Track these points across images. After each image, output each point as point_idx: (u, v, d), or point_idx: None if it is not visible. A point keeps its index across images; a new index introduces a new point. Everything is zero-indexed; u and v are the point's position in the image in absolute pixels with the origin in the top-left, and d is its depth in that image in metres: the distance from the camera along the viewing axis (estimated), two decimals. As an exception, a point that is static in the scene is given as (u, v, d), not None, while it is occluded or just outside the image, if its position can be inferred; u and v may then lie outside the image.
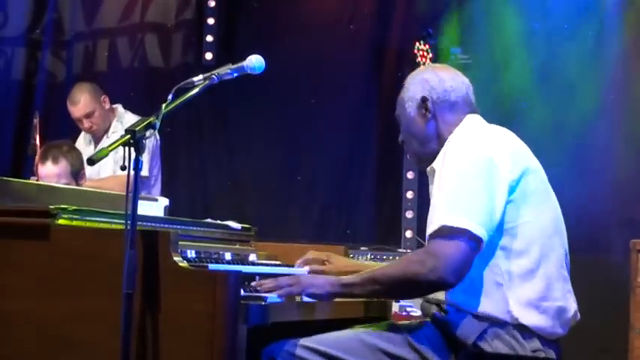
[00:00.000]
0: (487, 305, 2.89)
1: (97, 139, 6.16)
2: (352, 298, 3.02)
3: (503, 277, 2.89)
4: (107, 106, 6.11)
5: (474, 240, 2.80)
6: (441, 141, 3.08)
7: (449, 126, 3.09)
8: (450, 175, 2.88)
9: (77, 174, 5.21)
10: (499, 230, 2.88)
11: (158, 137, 6.09)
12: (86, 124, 6.03)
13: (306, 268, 3.39)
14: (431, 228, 2.86)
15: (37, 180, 5.19)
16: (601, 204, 5.96)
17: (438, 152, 3.07)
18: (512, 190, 2.90)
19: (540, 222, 2.95)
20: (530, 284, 2.90)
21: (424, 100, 3.10)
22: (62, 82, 7.27)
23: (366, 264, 3.53)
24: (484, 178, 2.85)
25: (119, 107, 6.18)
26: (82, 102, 6.01)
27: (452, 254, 2.79)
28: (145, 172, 5.90)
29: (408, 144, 3.20)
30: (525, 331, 2.90)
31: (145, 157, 5.79)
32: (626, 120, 6.06)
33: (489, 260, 2.89)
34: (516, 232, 2.90)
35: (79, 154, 5.36)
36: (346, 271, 3.32)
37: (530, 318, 2.89)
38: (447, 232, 2.81)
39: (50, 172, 5.17)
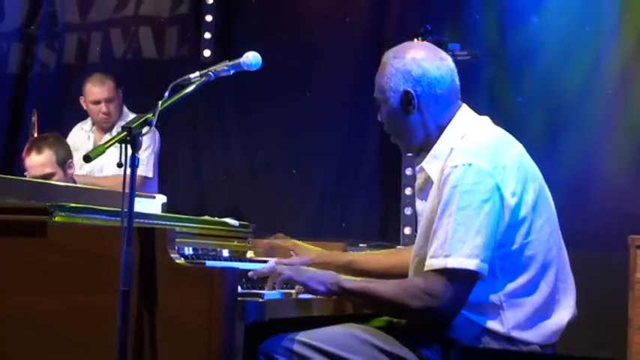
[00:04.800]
0: (484, 320, 2.89)
1: (97, 136, 6.15)
2: (346, 300, 3.01)
3: (500, 298, 2.88)
4: (121, 100, 6.14)
5: (475, 278, 2.81)
6: (427, 134, 3.02)
7: (436, 120, 3.01)
8: (456, 203, 2.80)
9: (64, 163, 5.24)
10: (499, 254, 2.86)
11: (159, 138, 6.10)
12: (104, 108, 6.04)
13: (272, 261, 3.30)
14: (434, 262, 2.81)
15: (26, 175, 5.22)
16: (600, 199, 5.95)
17: (424, 145, 3.02)
18: (514, 213, 2.86)
19: (540, 239, 2.91)
20: (527, 302, 2.89)
21: (407, 94, 2.98)
22: (52, 71, 7.30)
23: (336, 254, 3.48)
24: (489, 210, 2.80)
25: (124, 107, 6.19)
26: (106, 84, 6.06)
27: (450, 297, 2.79)
28: (150, 174, 5.94)
29: (389, 130, 3.11)
30: (521, 342, 2.90)
31: (150, 158, 5.89)
32: (625, 115, 6.05)
33: (488, 280, 2.86)
34: (517, 255, 2.88)
35: (64, 144, 5.41)
36: (316, 263, 3.32)
37: (527, 337, 2.90)
38: (449, 274, 2.78)
39: (35, 163, 5.20)
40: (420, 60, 3.00)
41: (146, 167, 5.94)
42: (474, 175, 2.82)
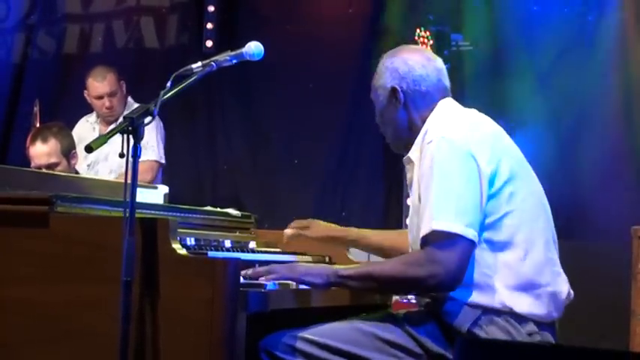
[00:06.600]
0: (478, 296, 2.90)
1: (102, 127, 6.16)
2: (347, 289, 3.02)
3: (490, 269, 2.90)
4: (124, 92, 6.13)
5: (468, 243, 2.84)
6: (413, 129, 3.09)
7: (421, 115, 3.09)
8: (434, 174, 2.88)
9: (68, 153, 5.24)
10: (482, 225, 2.89)
11: (163, 130, 6.12)
12: (107, 102, 6.02)
13: (289, 231, 3.46)
14: (423, 231, 2.86)
15: (31, 164, 5.22)
16: (602, 190, 5.95)
17: (411, 139, 3.09)
18: (491, 182, 2.90)
19: (523, 208, 2.94)
20: (518, 273, 2.91)
21: (394, 90, 3.10)
22: (51, 59, 7.30)
23: (346, 229, 3.54)
24: (468, 176, 2.86)
25: (129, 98, 6.18)
26: (107, 79, 6.03)
27: (450, 261, 2.82)
28: (163, 160, 5.97)
29: (382, 129, 3.22)
30: (519, 316, 2.91)
31: (160, 144, 5.91)
32: (626, 103, 6.04)
33: (476, 255, 2.88)
34: (500, 225, 2.91)
35: (69, 134, 5.40)
36: (326, 236, 3.45)
37: (523, 305, 2.90)
38: (441, 238, 2.83)
39: (40, 152, 5.19)
40: (408, 59, 3.13)
41: (158, 153, 5.98)
42: (448, 145, 2.90)
